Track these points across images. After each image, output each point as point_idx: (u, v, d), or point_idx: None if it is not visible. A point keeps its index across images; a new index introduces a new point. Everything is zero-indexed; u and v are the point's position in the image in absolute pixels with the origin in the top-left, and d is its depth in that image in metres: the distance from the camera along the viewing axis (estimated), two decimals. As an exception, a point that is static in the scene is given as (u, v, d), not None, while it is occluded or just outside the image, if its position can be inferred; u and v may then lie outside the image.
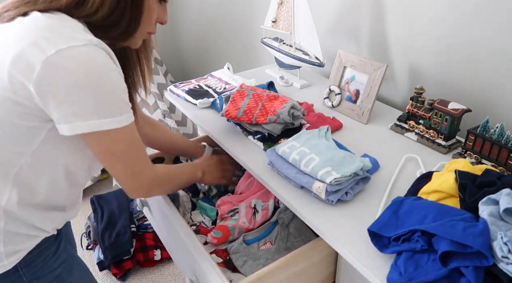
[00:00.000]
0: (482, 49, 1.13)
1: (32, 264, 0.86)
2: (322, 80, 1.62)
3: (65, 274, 0.93)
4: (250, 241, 1.12)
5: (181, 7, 2.82)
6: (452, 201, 0.79)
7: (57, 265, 0.91)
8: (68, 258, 0.95)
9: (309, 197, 0.95)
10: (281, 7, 1.52)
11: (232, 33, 2.33)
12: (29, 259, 0.85)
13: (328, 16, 1.60)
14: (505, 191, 0.71)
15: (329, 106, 1.38)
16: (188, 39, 2.91)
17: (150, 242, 1.90)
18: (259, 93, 1.22)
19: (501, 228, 0.67)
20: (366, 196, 0.94)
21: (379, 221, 0.77)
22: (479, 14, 1.10)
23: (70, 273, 0.94)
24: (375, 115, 1.31)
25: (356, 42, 1.53)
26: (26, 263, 0.85)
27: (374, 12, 1.41)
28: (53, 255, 0.90)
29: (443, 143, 1.12)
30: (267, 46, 1.65)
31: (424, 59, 1.30)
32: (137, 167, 0.87)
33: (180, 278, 1.87)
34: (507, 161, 0.95)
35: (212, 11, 2.45)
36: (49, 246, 0.90)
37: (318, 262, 0.98)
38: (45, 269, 0.88)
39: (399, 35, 1.35)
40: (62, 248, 0.94)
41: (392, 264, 0.73)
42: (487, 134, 0.99)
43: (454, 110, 1.08)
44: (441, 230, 0.67)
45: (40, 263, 0.87)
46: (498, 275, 0.63)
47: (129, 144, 0.82)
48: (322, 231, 0.86)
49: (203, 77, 1.61)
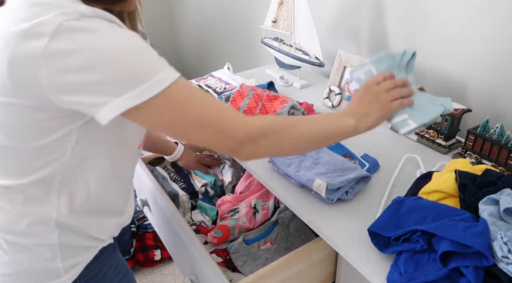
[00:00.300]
0: (482, 49, 1.13)
1: (92, 281, 0.82)
2: (322, 80, 1.62)
3: None
4: (250, 240, 1.12)
5: (181, 7, 2.82)
6: (452, 201, 0.79)
7: (117, 281, 0.88)
8: (127, 274, 0.92)
9: (309, 197, 0.95)
10: (281, 7, 1.52)
11: (232, 33, 2.33)
12: (89, 275, 0.80)
13: (328, 16, 1.60)
14: (505, 191, 0.71)
15: (329, 106, 1.38)
16: (188, 39, 2.91)
17: (150, 242, 1.90)
18: (259, 93, 1.22)
19: (501, 228, 0.67)
20: (366, 196, 0.94)
21: (379, 221, 0.78)
22: (479, 13, 1.10)
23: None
24: (375, 115, 1.31)
25: (356, 42, 1.52)
26: (86, 280, 0.80)
27: (374, 12, 1.41)
28: (113, 271, 0.87)
29: (443, 143, 1.12)
30: (267, 46, 1.65)
31: (424, 59, 1.30)
32: (220, 123, 0.66)
33: (180, 278, 1.87)
34: (507, 161, 0.95)
35: (212, 11, 2.45)
36: (108, 259, 0.85)
37: (318, 262, 0.98)
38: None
39: (399, 35, 1.35)
40: (120, 262, 0.90)
41: (392, 264, 0.73)
42: (487, 134, 0.99)
43: (454, 110, 1.08)
44: (441, 230, 0.67)
45: (100, 280, 0.83)
46: (498, 275, 0.63)
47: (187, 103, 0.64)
48: (322, 231, 0.86)
49: (203, 77, 1.61)
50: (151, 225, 1.90)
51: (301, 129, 0.73)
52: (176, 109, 0.63)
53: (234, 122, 0.67)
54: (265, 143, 0.69)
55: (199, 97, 0.66)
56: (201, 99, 0.66)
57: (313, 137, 0.75)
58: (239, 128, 0.67)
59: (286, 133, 0.71)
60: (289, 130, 0.72)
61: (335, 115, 0.80)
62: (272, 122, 0.71)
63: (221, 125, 0.66)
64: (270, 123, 0.71)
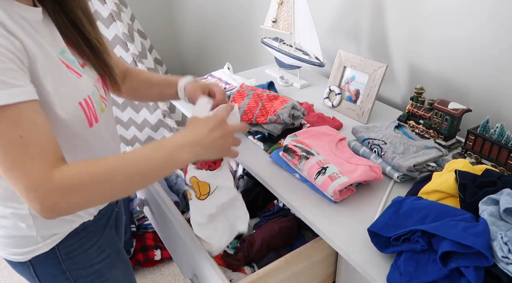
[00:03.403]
0: (482, 48, 1.13)
1: (72, 254, 0.86)
2: (322, 80, 1.62)
3: (105, 270, 0.92)
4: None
5: (181, 7, 2.82)
6: (452, 201, 0.79)
7: (99, 260, 0.90)
8: (112, 254, 0.94)
9: (309, 197, 0.95)
10: (281, 7, 1.52)
11: (232, 33, 2.33)
12: (70, 247, 0.85)
13: (328, 16, 1.60)
14: (505, 191, 0.71)
15: (329, 106, 1.38)
16: (188, 39, 2.92)
17: (150, 242, 1.90)
18: (259, 93, 1.22)
19: (501, 228, 0.67)
20: (366, 196, 0.94)
21: (379, 221, 0.77)
22: (479, 13, 1.10)
23: (110, 270, 0.93)
24: (375, 115, 1.31)
25: (356, 42, 1.53)
26: (66, 251, 0.84)
27: (374, 12, 1.41)
28: (97, 249, 0.89)
29: (443, 143, 1.12)
30: (267, 46, 1.65)
31: (424, 59, 1.30)
32: (22, 168, 0.59)
33: (180, 278, 1.87)
34: (507, 161, 0.95)
35: (212, 11, 2.45)
36: (93, 236, 0.88)
37: (318, 262, 0.98)
38: (86, 261, 0.88)
39: (399, 35, 1.35)
40: (108, 243, 0.92)
41: (392, 264, 0.73)
42: (487, 134, 0.99)
43: (454, 110, 1.08)
44: (441, 230, 0.67)
45: (81, 254, 0.87)
46: (498, 275, 0.63)
47: (6, 134, 0.59)
48: (322, 231, 0.86)
49: (203, 77, 1.61)
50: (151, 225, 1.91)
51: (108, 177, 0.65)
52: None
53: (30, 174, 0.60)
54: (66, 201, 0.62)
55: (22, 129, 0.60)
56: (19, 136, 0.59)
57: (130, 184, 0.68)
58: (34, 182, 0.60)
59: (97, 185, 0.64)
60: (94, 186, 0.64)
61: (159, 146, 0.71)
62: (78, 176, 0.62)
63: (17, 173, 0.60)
64: (78, 178, 0.62)
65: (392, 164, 0.98)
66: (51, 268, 0.85)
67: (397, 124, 1.17)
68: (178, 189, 1.29)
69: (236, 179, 1.40)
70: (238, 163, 1.44)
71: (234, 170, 1.44)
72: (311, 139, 1.04)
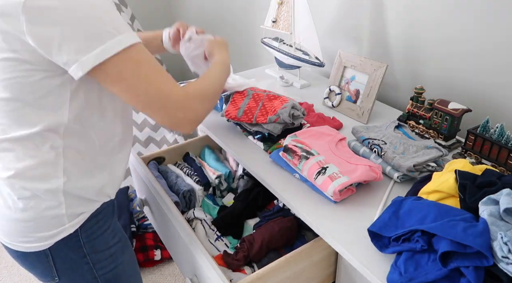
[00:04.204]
0: (482, 49, 1.13)
1: (92, 236, 0.88)
2: (322, 80, 1.62)
3: (118, 254, 0.94)
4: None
5: (181, 7, 2.82)
6: (452, 201, 0.79)
7: (113, 243, 0.93)
8: (123, 238, 0.97)
9: (309, 197, 0.95)
10: (281, 7, 1.52)
11: (232, 33, 2.33)
12: (91, 229, 0.87)
13: (328, 16, 1.60)
14: (505, 191, 0.71)
15: (329, 106, 1.38)
16: (188, 39, 2.91)
17: (150, 242, 1.90)
18: (259, 93, 1.22)
19: (501, 228, 0.67)
20: (366, 196, 0.94)
21: (379, 221, 0.78)
22: (480, 14, 1.10)
23: (122, 253, 0.96)
24: (375, 115, 1.31)
25: (356, 42, 1.53)
26: (87, 234, 0.87)
27: (374, 12, 1.41)
28: (111, 232, 0.93)
29: (443, 143, 1.12)
30: (267, 46, 1.65)
31: (424, 59, 1.30)
32: (160, 89, 0.77)
33: (180, 278, 1.88)
34: (507, 161, 0.95)
35: (212, 10, 2.45)
36: (107, 220, 0.92)
37: (318, 262, 0.98)
38: (103, 245, 0.91)
39: (399, 35, 1.35)
40: (118, 227, 0.97)
41: (392, 264, 0.73)
42: (487, 134, 0.99)
43: (454, 110, 1.09)
44: (441, 230, 0.67)
45: (99, 237, 0.89)
46: (498, 275, 0.63)
47: (141, 64, 0.75)
48: (322, 231, 0.86)
49: (203, 77, 1.61)
50: (151, 225, 1.91)
51: (212, 80, 0.95)
52: (132, 67, 0.73)
53: (174, 90, 0.79)
54: (199, 104, 0.84)
55: (153, 64, 0.77)
56: (154, 66, 0.77)
57: (220, 85, 0.98)
58: (179, 95, 0.79)
59: (212, 94, 0.91)
60: (209, 88, 0.91)
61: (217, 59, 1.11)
62: (200, 88, 0.87)
63: (165, 91, 0.77)
64: (201, 89, 0.87)
65: (392, 164, 0.98)
66: (71, 252, 0.86)
67: (397, 124, 1.17)
68: (178, 189, 1.29)
69: (236, 179, 1.40)
70: (238, 163, 1.44)
71: (234, 170, 1.44)
72: (311, 139, 1.04)
